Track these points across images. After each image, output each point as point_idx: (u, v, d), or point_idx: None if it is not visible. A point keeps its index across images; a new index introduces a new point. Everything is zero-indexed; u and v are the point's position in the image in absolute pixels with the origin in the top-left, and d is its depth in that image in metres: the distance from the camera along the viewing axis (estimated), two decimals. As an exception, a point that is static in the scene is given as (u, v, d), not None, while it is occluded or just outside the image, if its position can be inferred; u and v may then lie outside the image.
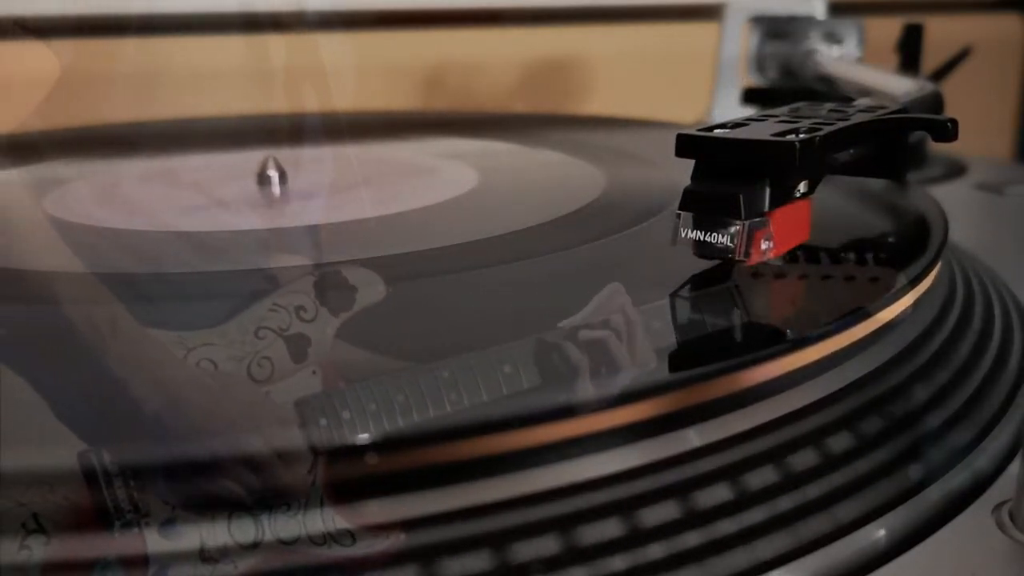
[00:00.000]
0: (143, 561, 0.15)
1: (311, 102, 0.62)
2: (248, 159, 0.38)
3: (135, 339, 0.18)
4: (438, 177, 0.39)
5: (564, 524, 0.16)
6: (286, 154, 0.38)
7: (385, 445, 0.16)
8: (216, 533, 0.15)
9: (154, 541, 0.15)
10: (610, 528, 0.16)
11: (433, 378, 0.17)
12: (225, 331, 0.18)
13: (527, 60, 0.68)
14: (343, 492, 0.16)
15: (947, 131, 0.24)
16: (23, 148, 0.48)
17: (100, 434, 0.17)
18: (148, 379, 0.17)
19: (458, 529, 0.16)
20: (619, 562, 0.16)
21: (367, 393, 0.17)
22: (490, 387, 0.17)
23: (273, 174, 0.36)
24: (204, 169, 0.43)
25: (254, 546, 0.15)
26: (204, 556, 0.15)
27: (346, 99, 0.65)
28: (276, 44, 0.64)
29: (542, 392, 0.18)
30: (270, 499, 0.15)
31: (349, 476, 0.16)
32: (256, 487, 0.15)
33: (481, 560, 0.16)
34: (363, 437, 0.16)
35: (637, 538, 0.16)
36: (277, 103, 0.61)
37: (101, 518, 0.15)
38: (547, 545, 0.16)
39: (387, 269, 0.26)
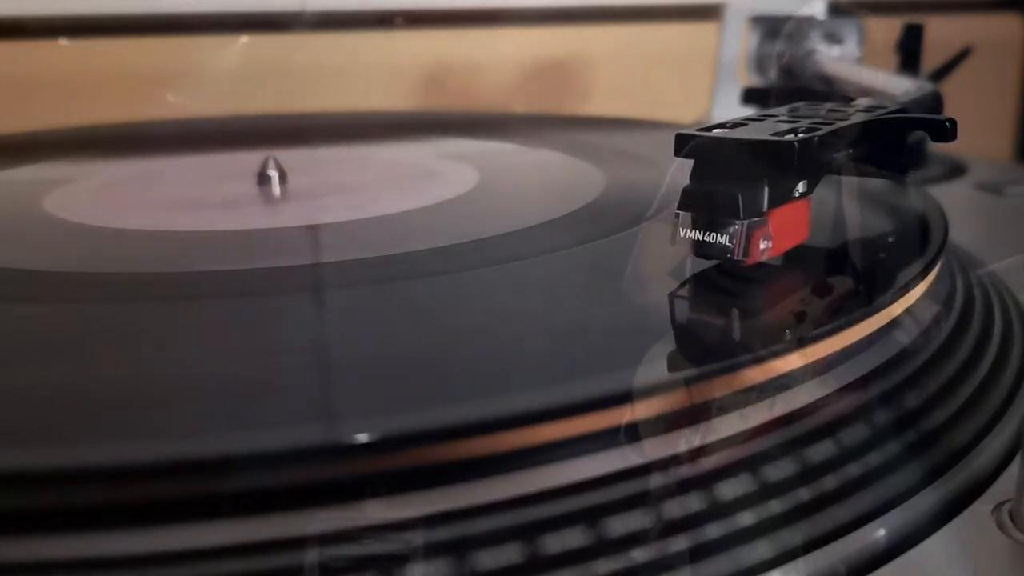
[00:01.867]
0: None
1: (311, 102, 0.62)
2: (248, 159, 0.38)
3: None
4: (438, 177, 0.39)
5: (557, 523, 0.16)
6: (286, 154, 0.38)
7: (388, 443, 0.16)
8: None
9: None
10: (605, 528, 0.16)
11: None
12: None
13: (527, 60, 0.68)
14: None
15: (945, 131, 0.24)
16: (23, 148, 0.49)
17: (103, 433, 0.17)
18: None
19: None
20: (613, 563, 0.16)
21: None
22: None
23: (273, 174, 0.36)
24: (204, 169, 0.43)
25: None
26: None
27: (346, 99, 0.65)
28: (276, 44, 0.65)
29: (545, 391, 0.18)
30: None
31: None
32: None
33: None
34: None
35: (632, 538, 0.16)
36: (277, 103, 0.61)
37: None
38: (544, 544, 0.16)
39: (387, 269, 0.26)
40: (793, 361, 0.19)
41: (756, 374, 0.19)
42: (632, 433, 0.17)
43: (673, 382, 0.18)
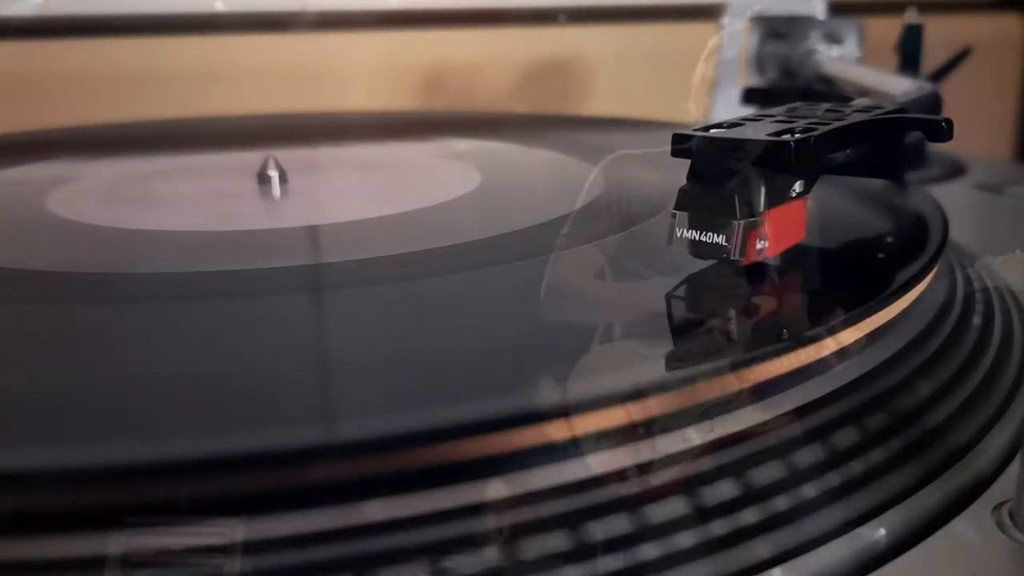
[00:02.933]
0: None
1: (311, 102, 0.62)
2: (248, 159, 0.38)
3: None
4: (438, 177, 0.39)
5: (561, 522, 0.16)
6: (286, 154, 0.38)
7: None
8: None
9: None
10: (608, 527, 0.16)
11: None
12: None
13: (527, 60, 0.68)
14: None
15: (942, 131, 0.24)
16: (23, 148, 0.49)
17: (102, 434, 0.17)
18: None
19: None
20: (615, 562, 0.16)
21: None
22: None
23: (273, 174, 0.36)
24: (204, 169, 0.43)
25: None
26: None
27: (346, 99, 0.65)
28: (277, 44, 0.65)
29: (542, 392, 0.18)
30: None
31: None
32: None
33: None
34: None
35: (633, 537, 0.16)
36: (277, 103, 0.61)
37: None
38: (549, 543, 0.16)
39: (387, 269, 0.26)
40: (788, 362, 0.19)
41: (751, 375, 0.19)
42: (629, 432, 0.17)
43: (667, 383, 0.18)
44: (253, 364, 0.20)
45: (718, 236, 0.22)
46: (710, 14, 0.58)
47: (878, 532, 0.18)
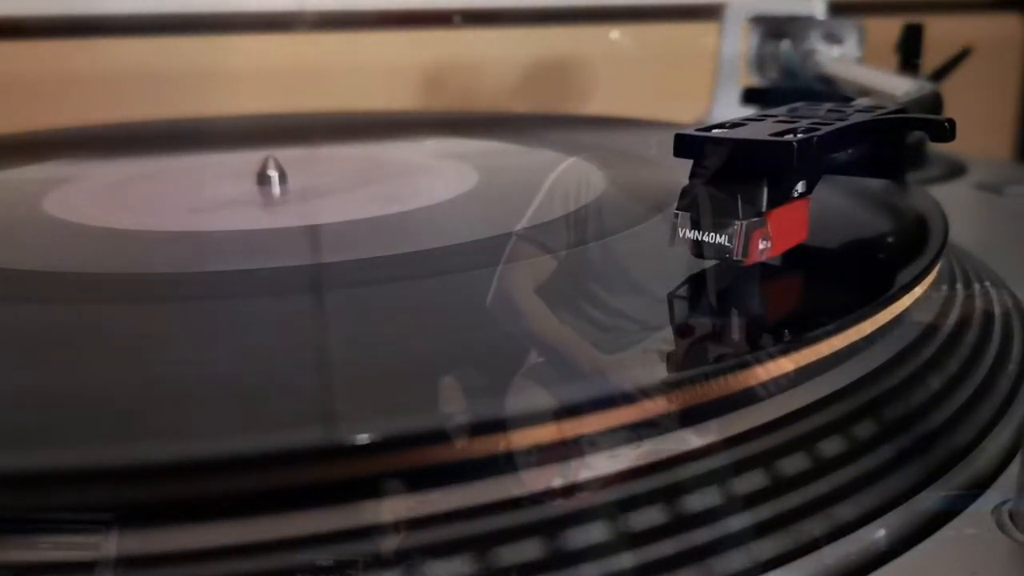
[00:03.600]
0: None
1: (311, 102, 0.62)
2: (248, 159, 0.38)
3: None
4: (438, 177, 0.39)
5: (553, 527, 0.16)
6: (286, 154, 0.38)
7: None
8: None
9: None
10: (608, 529, 0.16)
11: None
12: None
13: (527, 60, 0.68)
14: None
15: (944, 131, 0.24)
16: (23, 148, 0.48)
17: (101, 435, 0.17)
18: None
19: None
20: (613, 564, 0.16)
21: None
22: None
23: (273, 174, 0.36)
24: (204, 169, 0.43)
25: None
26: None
27: (347, 99, 0.65)
28: (277, 44, 0.65)
29: (544, 393, 0.18)
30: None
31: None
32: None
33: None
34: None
35: (632, 539, 0.16)
36: (277, 103, 0.61)
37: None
38: (530, 549, 0.16)
39: (387, 269, 0.26)
40: (790, 362, 0.19)
41: (752, 376, 0.19)
42: (628, 433, 0.17)
43: (667, 383, 0.18)
44: (252, 365, 0.20)
45: (720, 236, 0.22)
46: (710, 14, 0.58)
47: (878, 532, 0.18)
